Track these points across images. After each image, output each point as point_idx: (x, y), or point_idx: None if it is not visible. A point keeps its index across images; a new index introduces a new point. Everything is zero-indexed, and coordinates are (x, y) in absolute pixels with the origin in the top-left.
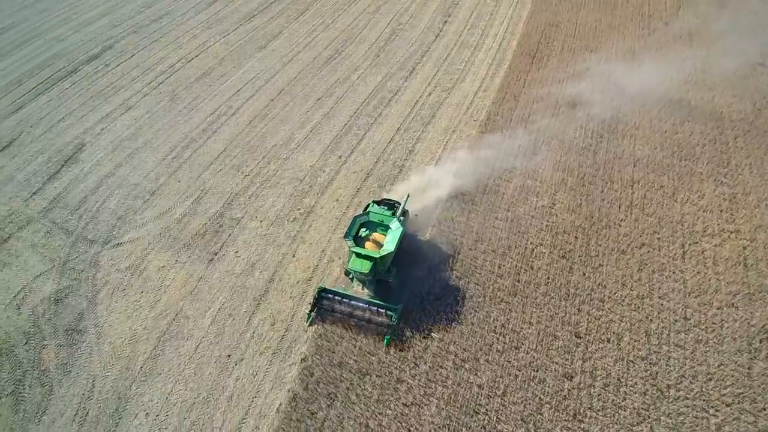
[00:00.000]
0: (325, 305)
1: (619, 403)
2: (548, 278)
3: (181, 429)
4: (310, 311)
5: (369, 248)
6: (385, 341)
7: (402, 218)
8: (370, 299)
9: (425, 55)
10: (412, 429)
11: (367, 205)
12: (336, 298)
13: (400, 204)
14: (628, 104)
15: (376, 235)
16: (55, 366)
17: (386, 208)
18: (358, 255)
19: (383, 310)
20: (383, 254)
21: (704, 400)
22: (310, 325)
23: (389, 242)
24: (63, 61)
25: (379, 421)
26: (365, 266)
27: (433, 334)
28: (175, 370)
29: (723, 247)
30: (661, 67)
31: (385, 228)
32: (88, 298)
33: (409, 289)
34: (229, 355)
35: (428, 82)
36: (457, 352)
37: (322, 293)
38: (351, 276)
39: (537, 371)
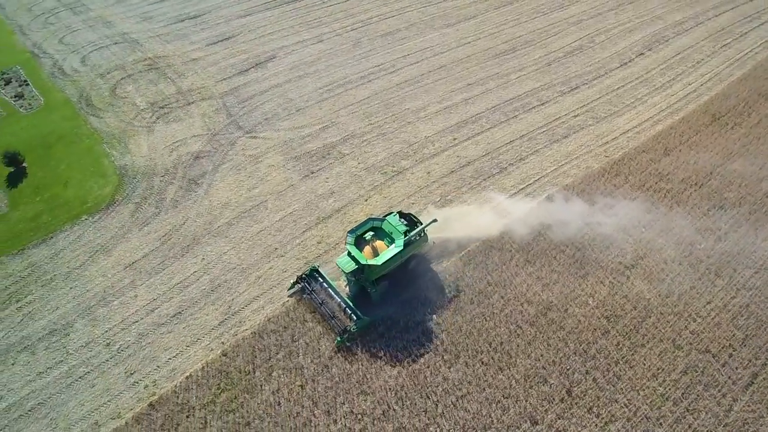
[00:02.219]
0: (308, 284)
1: None
2: (576, 328)
3: (217, 280)
4: (295, 282)
5: (365, 253)
6: (336, 342)
7: (415, 239)
8: (347, 299)
9: (597, 79)
10: (367, 376)
11: (389, 213)
12: (320, 281)
13: (422, 224)
14: None
15: (378, 243)
16: (170, 199)
17: (405, 223)
18: (349, 253)
19: (353, 315)
20: (369, 263)
21: None
22: (291, 296)
23: (382, 256)
24: None
25: (347, 357)
26: (348, 266)
27: (434, 317)
28: (237, 240)
29: None
30: None
31: (392, 241)
32: (214, 164)
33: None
34: (276, 248)
35: (582, 105)
36: (445, 341)
37: (313, 272)
38: None
39: (506, 398)
